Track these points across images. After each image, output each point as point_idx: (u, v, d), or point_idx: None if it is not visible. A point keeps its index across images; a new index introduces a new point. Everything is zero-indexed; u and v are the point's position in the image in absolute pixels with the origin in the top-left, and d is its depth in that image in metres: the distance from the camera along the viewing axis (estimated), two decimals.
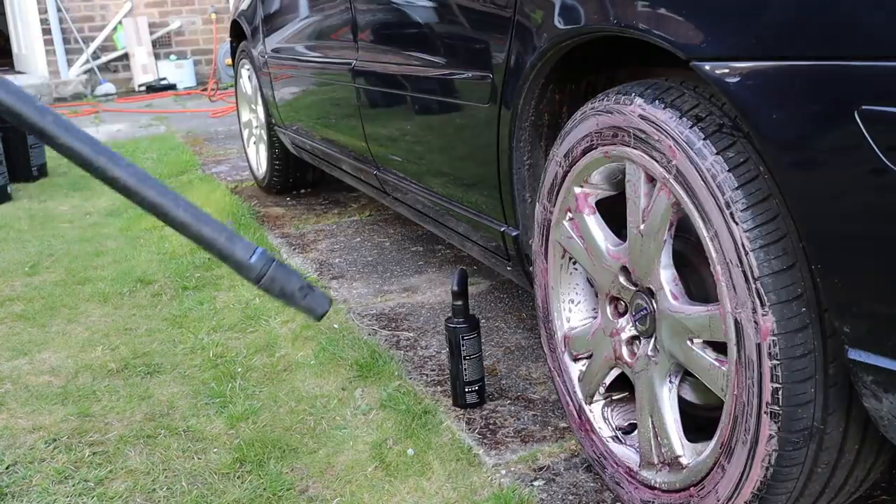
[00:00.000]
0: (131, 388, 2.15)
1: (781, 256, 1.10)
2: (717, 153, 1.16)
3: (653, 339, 1.39)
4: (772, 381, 1.12)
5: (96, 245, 3.40)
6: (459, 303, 1.89)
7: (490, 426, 1.84)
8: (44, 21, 7.87)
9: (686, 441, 1.35)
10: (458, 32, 1.94)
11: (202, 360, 2.29)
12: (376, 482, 1.69)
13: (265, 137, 3.79)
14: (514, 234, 1.80)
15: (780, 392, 1.12)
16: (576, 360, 1.65)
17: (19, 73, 8.38)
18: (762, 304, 1.11)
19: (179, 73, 8.28)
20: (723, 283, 1.17)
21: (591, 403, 1.60)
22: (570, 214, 1.56)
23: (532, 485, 1.63)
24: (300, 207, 3.74)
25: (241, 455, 1.80)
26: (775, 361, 1.11)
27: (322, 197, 3.88)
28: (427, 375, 2.09)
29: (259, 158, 3.99)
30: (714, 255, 1.18)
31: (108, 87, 8.05)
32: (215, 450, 1.85)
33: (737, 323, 1.16)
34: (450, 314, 1.91)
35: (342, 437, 1.86)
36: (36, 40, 7.91)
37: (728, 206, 1.14)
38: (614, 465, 1.52)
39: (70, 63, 8.05)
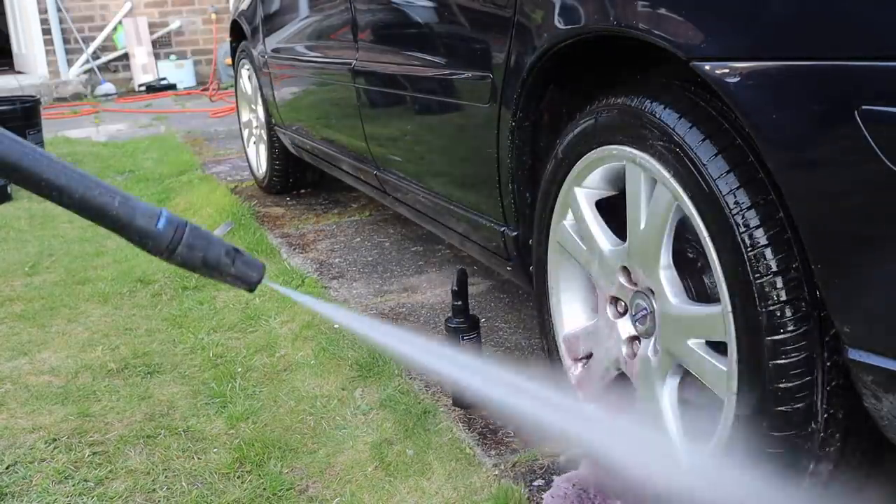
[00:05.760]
0: (131, 388, 2.15)
1: (781, 256, 1.10)
2: (717, 153, 1.16)
3: (653, 340, 1.39)
4: (772, 380, 1.12)
5: (96, 245, 3.40)
6: (459, 303, 1.89)
7: (490, 426, 1.84)
8: (44, 21, 7.87)
9: (686, 441, 1.35)
10: (458, 32, 1.93)
11: (202, 360, 2.29)
12: (376, 482, 1.69)
13: (265, 137, 3.79)
14: (514, 234, 1.80)
15: (779, 392, 1.12)
16: (576, 360, 1.65)
17: (19, 72, 8.38)
18: (762, 304, 1.11)
19: (179, 73, 8.28)
20: (723, 284, 1.17)
21: (590, 404, 1.60)
22: (570, 214, 1.56)
23: (532, 485, 1.63)
24: (300, 207, 3.74)
25: (241, 455, 1.80)
26: (775, 361, 1.11)
27: (322, 197, 3.88)
28: (427, 375, 2.09)
29: (259, 158, 3.99)
30: (714, 255, 1.18)
31: (108, 87, 8.05)
32: (215, 450, 1.85)
33: (736, 323, 1.16)
34: (450, 314, 1.91)
35: (342, 437, 1.86)
36: (36, 40, 7.91)
37: (728, 206, 1.14)
38: (614, 466, 1.52)
39: (70, 63, 8.05)
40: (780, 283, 1.10)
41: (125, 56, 8.33)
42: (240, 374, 2.18)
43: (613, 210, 1.48)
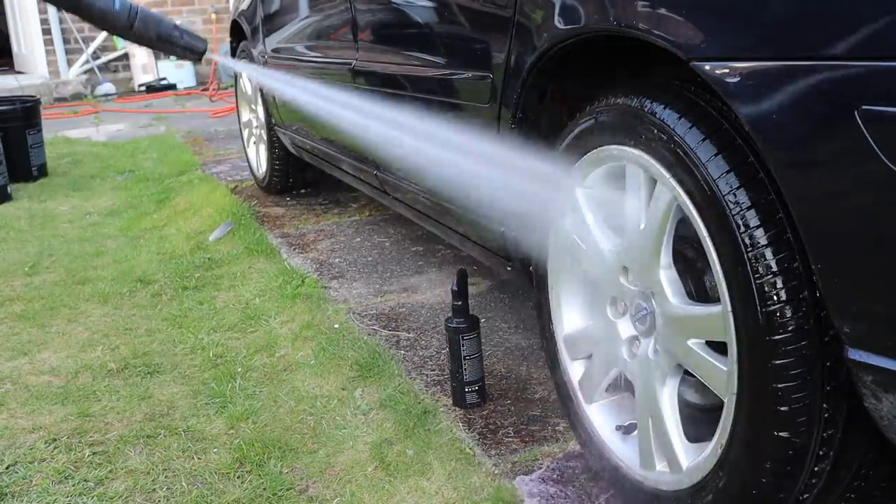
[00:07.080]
0: (131, 388, 2.15)
1: (781, 256, 1.10)
2: (717, 153, 1.16)
3: (653, 340, 1.39)
4: (772, 380, 1.12)
5: (96, 245, 3.40)
6: (459, 303, 1.89)
7: (490, 426, 1.84)
8: (44, 21, 7.86)
9: (686, 441, 1.35)
10: (457, 32, 1.93)
11: (202, 360, 2.29)
12: (376, 482, 1.69)
13: (265, 137, 3.79)
14: (513, 233, 1.79)
15: (779, 392, 1.12)
16: (575, 360, 1.65)
17: (19, 72, 8.38)
18: (762, 304, 1.11)
19: (179, 73, 8.27)
20: (723, 284, 1.17)
21: (590, 404, 1.60)
22: (570, 214, 1.56)
23: (532, 485, 1.63)
24: (300, 207, 3.74)
25: (241, 455, 1.80)
26: (775, 361, 1.11)
27: (322, 197, 3.88)
28: (427, 375, 2.09)
29: (259, 158, 3.99)
30: (714, 255, 1.18)
31: (108, 87, 8.04)
32: (215, 450, 1.85)
33: (736, 323, 1.16)
34: (450, 314, 1.91)
35: (342, 437, 1.86)
36: (36, 40, 7.91)
37: (728, 207, 1.14)
38: (614, 466, 1.52)
39: (70, 63, 8.05)
40: (780, 283, 1.10)
41: (125, 56, 8.32)
42: (240, 374, 2.18)
43: (614, 210, 1.48)
